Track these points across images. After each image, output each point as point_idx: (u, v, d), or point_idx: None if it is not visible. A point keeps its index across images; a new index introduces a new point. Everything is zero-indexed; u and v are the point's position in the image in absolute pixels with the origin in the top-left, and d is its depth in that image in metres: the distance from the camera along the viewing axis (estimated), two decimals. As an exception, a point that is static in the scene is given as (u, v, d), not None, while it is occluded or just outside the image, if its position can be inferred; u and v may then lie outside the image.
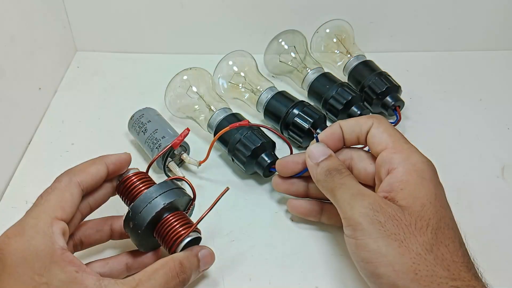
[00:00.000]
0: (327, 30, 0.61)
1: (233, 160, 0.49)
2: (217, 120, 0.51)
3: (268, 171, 0.47)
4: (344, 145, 0.41)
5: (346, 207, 0.34)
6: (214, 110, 0.52)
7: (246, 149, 0.47)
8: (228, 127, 0.44)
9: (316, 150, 0.39)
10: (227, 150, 0.49)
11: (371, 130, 0.38)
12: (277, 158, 0.46)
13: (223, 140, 0.50)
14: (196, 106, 0.53)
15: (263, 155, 0.47)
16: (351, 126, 0.40)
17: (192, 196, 0.39)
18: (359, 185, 0.36)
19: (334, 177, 0.37)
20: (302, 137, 0.51)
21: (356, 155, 0.41)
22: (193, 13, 0.65)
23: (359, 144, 0.40)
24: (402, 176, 0.34)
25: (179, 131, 0.52)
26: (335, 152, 0.40)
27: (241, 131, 0.48)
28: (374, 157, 0.39)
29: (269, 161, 0.47)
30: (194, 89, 0.54)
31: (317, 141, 0.40)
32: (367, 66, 0.58)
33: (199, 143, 0.54)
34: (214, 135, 0.49)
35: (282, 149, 0.50)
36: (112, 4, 0.64)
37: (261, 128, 0.49)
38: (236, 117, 0.51)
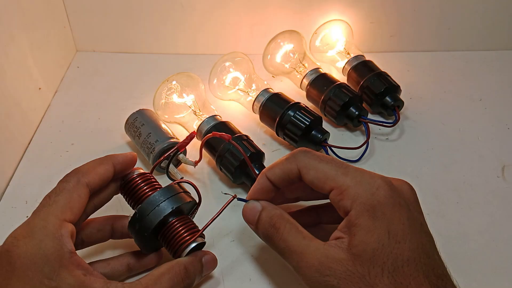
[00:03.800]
0: (326, 31, 0.61)
1: (221, 169, 0.48)
2: (205, 129, 0.50)
3: None
4: (279, 188, 0.39)
5: (298, 273, 0.34)
6: (203, 118, 0.51)
7: (234, 159, 0.46)
8: (211, 133, 0.41)
9: (248, 212, 0.38)
10: (215, 159, 0.49)
11: (304, 178, 0.36)
12: None
13: (211, 148, 0.49)
14: (184, 113, 0.53)
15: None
16: (279, 176, 0.37)
17: (196, 201, 0.39)
18: (300, 239, 0.34)
19: (274, 238, 0.35)
20: (297, 139, 0.51)
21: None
22: (193, 13, 0.65)
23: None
24: (355, 220, 0.32)
25: (176, 132, 0.52)
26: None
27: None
28: None
29: (258, 173, 0.46)
30: (184, 95, 0.53)
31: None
32: (366, 66, 0.58)
33: (188, 149, 0.52)
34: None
35: (272, 159, 0.50)
36: (112, 5, 0.64)
37: (249, 139, 0.49)
38: (226, 125, 0.51)
